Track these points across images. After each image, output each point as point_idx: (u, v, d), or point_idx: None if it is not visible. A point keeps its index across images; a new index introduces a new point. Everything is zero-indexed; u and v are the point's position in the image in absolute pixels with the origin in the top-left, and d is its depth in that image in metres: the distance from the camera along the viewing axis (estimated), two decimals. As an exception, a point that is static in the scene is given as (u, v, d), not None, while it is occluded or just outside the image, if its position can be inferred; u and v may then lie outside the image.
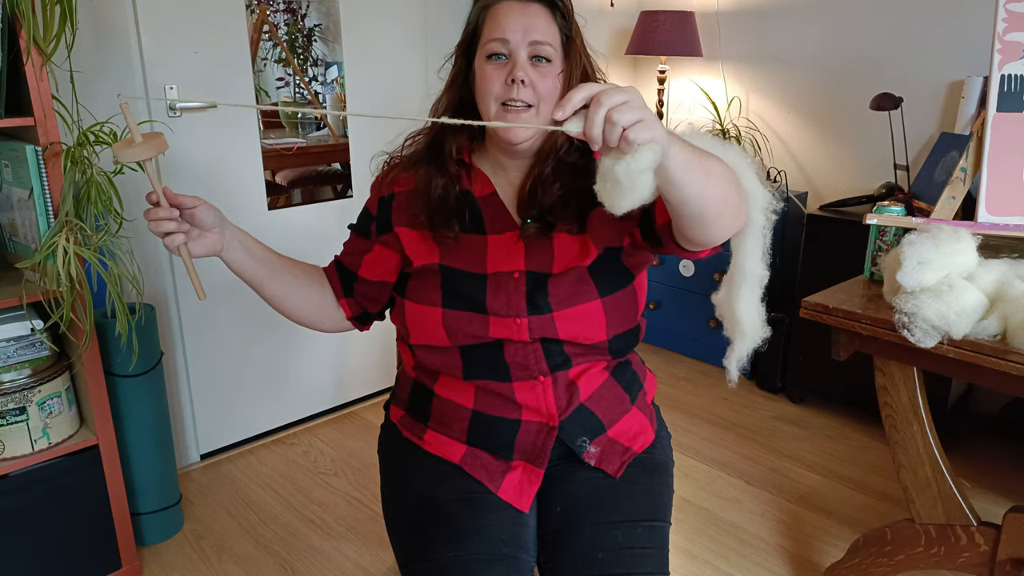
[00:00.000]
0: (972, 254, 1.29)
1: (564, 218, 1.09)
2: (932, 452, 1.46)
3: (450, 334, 1.08)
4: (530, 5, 1.05)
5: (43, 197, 1.49)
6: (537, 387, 1.09)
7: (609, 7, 3.05)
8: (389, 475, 1.22)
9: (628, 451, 1.16)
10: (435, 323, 1.09)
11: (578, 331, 1.08)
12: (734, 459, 2.31)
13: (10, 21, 1.41)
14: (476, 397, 1.11)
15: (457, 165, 1.12)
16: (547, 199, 1.08)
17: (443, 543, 1.03)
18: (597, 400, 1.14)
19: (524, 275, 1.08)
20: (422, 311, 1.11)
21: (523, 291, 1.07)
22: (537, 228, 1.09)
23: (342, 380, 2.59)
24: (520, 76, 1.01)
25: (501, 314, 1.07)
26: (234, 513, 2.04)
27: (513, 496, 1.11)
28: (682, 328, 2.95)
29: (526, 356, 1.08)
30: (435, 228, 1.10)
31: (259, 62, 2.17)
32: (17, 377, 1.56)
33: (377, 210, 1.19)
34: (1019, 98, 1.51)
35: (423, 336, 1.12)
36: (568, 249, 1.09)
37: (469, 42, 1.10)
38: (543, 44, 1.03)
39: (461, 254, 1.10)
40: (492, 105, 1.04)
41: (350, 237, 1.23)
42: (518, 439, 1.11)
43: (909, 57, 2.46)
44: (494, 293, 1.07)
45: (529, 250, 1.09)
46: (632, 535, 1.07)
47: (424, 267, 1.12)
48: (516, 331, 1.07)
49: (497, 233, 1.11)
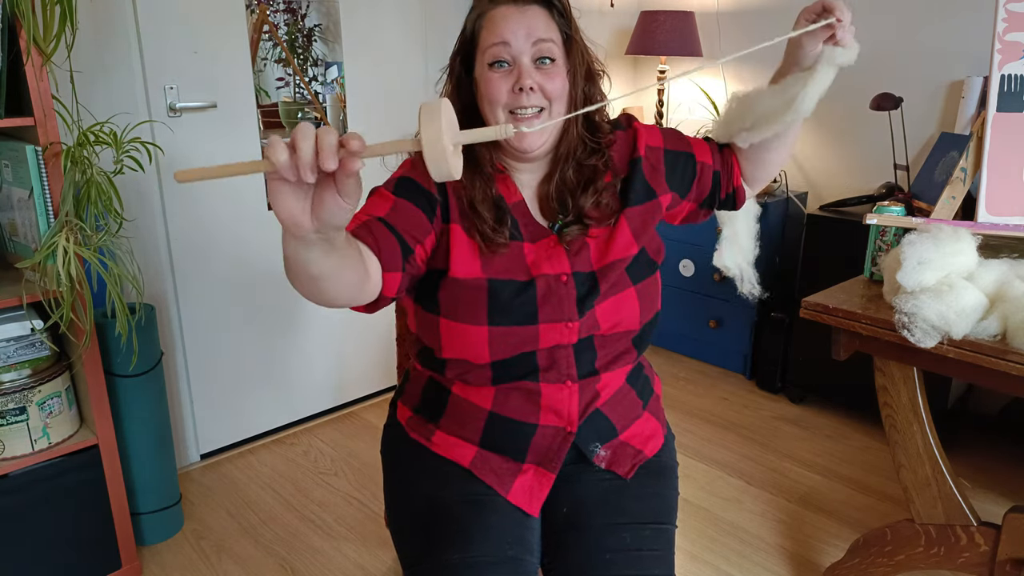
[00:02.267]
0: (972, 254, 1.29)
1: (599, 219, 1.09)
2: (932, 452, 1.46)
3: (493, 352, 1.04)
4: (528, 7, 1.03)
5: (43, 197, 1.49)
6: (564, 390, 1.08)
7: (609, 7, 3.06)
8: (393, 475, 1.21)
9: (640, 454, 1.16)
10: (479, 342, 1.04)
11: (616, 321, 1.08)
12: (734, 459, 2.31)
13: (10, 21, 1.41)
14: (495, 399, 1.09)
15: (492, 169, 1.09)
16: (584, 204, 1.07)
17: (448, 545, 1.02)
18: (613, 406, 1.13)
19: (571, 278, 1.06)
20: (464, 330, 1.04)
21: (573, 295, 1.06)
22: (576, 231, 1.07)
23: (342, 380, 2.59)
24: (528, 84, 1.00)
25: (553, 320, 1.04)
26: (234, 513, 2.04)
27: (524, 500, 1.10)
28: (682, 328, 2.95)
29: (559, 359, 1.06)
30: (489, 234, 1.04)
31: (259, 62, 2.17)
32: (17, 377, 1.56)
33: (438, 193, 1.06)
34: (1019, 98, 1.51)
35: (457, 352, 1.07)
36: (602, 245, 1.09)
37: (466, 50, 1.08)
38: (546, 42, 1.02)
39: (503, 264, 1.06)
40: (501, 114, 1.02)
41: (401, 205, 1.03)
42: (533, 442, 1.10)
43: (909, 57, 2.46)
44: (545, 299, 1.04)
45: (570, 253, 1.08)
46: (640, 537, 1.06)
47: (468, 281, 1.04)
48: (567, 335, 1.05)
49: (534, 240, 1.08)
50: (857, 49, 1.04)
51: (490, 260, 1.05)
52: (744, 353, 2.81)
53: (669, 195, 1.14)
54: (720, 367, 2.94)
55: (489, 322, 1.03)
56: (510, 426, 1.09)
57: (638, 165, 1.12)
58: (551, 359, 1.06)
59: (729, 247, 1.37)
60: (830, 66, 1.04)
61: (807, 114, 1.06)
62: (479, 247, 1.05)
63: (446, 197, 1.06)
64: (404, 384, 1.26)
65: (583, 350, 1.07)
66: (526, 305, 1.04)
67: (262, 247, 2.28)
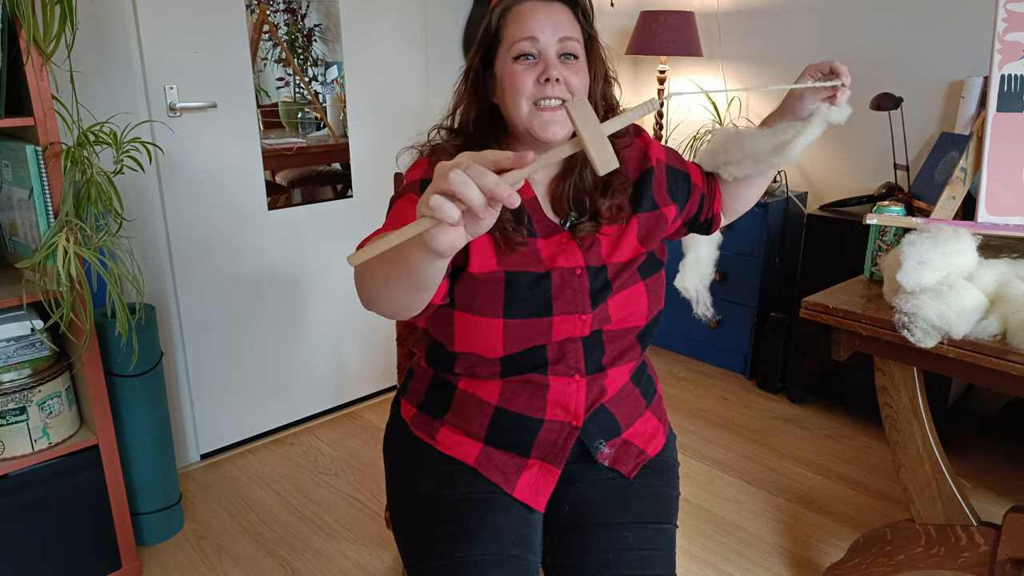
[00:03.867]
0: (972, 254, 1.29)
1: (611, 218, 1.11)
2: (932, 452, 1.46)
3: (507, 345, 1.06)
4: (554, 4, 1.06)
5: (43, 197, 1.49)
6: (572, 384, 1.09)
7: (609, 7, 3.05)
8: (396, 473, 1.21)
9: (642, 453, 1.17)
10: (494, 334, 1.05)
11: (627, 314, 1.10)
12: (734, 459, 2.31)
13: (10, 21, 1.41)
14: (502, 394, 1.10)
15: None
16: (601, 206, 1.10)
17: (451, 543, 1.02)
18: (617, 403, 1.14)
19: (585, 271, 1.08)
20: (479, 323, 1.05)
21: (587, 287, 1.07)
22: (589, 228, 1.10)
23: (342, 380, 2.59)
24: (555, 75, 1.02)
25: (567, 312, 1.06)
26: (234, 513, 2.04)
27: (529, 496, 1.10)
28: (682, 328, 2.95)
29: (567, 352, 1.08)
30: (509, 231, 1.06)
31: (259, 62, 2.17)
32: (17, 377, 1.56)
33: None
34: (1019, 98, 1.51)
35: (469, 345, 1.08)
36: (612, 243, 1.11)
37: (488, 45, 1.09)
38: (571, 40, 1.05)
39: (519, 258, 1.07)
40: (524, 104, 1.04)
41: None
42: (539, 437, 1.10)
43: (909, 57, 2.46)
44: (559, 291, 1.06)
45: (583, 248, 1.10)
46: (642, 536, 1.07)
47: (485, 275, 1.06)
48: (580, 327, 1.07)
49: (547, 236, 1.10)
50: (850, 111, 1.13)
51: (506, 255, 1.07)
52: (744, 353, 2.81)
53: (673, 207, 1.17)
54: (720, 367, 2.94)
55: (505, 315, 1.04)
56: (516, 421, 1.10)
57: (651, 174, 1.14)
58: (561, 352, 1.07)
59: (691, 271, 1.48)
60: (824, 122, 1.13)
61: (793, 160, 1.15)
62: (496, 242, 1.06)
63: None
64: (408, 381, 1.26)
65: (592, 345, 1.08)
66: (541, 297, 1.05)
67: (262, 247, 2.28)
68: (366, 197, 2.48)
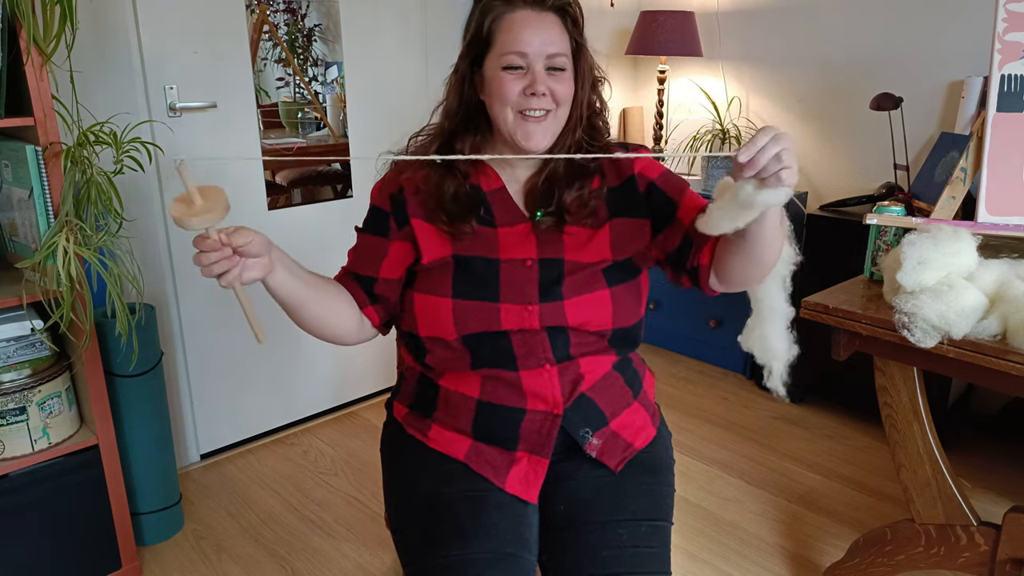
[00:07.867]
0: (972, 254, 1.29)
1: (581, 217, 1.13)
2: (932, 452, 1.46)
3: (458, 325, 1.09)
4: (545, 14, 1.08)
5: (43, 197, 1.49)
6: (543, 375, 1.11)
7: (609, 7, 3.05)
8: (392, 473, 1.22)
9: (630, 447, 1.17)
10: (444, 313, 1.10)
11: (586, 319, 1.11)
12: (734, 459, 2.31)
13: (10, 21, 1.41)
14: (482, 387, 1.12)
15: (466, 163, 1.14)
16: (566, 198, 1.12)
17: (448, 542, 1.03)
18: (600, 391, 1.15)
19: (536, 263, 1.11)
20: (432, 302, 1.12)
21: (535, 279, 1.10)
22: (551, 222, 1.13)
23: (342, 380, 2.59)
24: (541, 89, 1.06)
25: (513, 301, 1.09)
26: (234, 513, 2.04)
27: (520, 488, 1.12)
28: (682, 328, 2.95)
29: (533, 345, 1.10)
30: (453, 222, 1.12)
31: (259, 62, 2.17)
32: (17, 377, 1.56)
33: (391, 206, 1.18)
34: (1019, 98, 1.51)
35: (431, 327, 1.13)
36: (579, 243, 1.13)
37: (478, 47, 1.11)
38: (560, 56, 1.08)
39: (473, 245, 1.12)
40: (509, 113, 1.08)
41: (361, 240, 1.20)
42: (523, 428, 1.12)
43: (909, 57, 2.46)
44: (507, 280, 1.10)
45: (540, 241, 1.13)
46: (636, 534, 1.07)
47: (436, 261, 1.13)
48: (527, 319, 1.09)
49: (508, 226, 1.14)
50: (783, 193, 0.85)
51: (459, 241, 1.12)
52: (744, 353, 2.81)
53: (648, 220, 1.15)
54: (720, 367, 2.94)
55: (453, 294, 1.11)
56: (498, 412, 1.12)
57: (633, 182, 1.16)
58: (526, 346, 1.10)
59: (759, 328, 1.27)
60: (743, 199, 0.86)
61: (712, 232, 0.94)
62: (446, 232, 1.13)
63: (399, 202, 1.16)
64: (399, 383, 1.30)
65: (556, 335, 1.10)
66: (489, 282, 1.10)
67: (262, 247, 2.28)
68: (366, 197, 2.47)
